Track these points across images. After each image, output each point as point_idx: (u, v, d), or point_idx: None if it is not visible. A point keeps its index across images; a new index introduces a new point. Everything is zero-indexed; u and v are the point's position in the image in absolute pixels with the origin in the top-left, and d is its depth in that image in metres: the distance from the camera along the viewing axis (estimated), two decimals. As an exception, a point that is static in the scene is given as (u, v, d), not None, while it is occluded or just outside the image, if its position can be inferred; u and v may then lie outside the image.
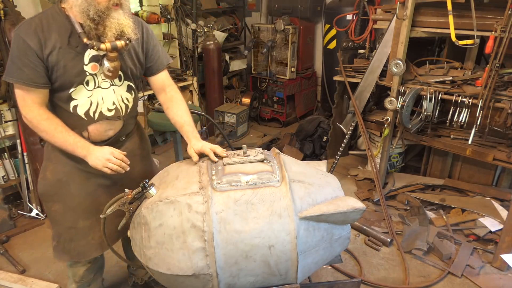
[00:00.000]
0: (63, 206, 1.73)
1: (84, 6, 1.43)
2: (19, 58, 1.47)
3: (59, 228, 1.78)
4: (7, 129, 3.09)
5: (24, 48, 1.45)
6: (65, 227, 1.76)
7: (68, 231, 1.75)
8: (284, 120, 5.00)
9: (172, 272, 1.47)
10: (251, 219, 1.45)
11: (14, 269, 2.60)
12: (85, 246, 1.78)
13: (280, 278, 1.54)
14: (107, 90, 1.64)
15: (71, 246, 1.78)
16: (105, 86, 1.63)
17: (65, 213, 1.73)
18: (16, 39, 1.46)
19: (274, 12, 4.95)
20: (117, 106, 1.68)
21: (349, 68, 3.55)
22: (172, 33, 4.32)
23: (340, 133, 3.72)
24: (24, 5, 3.21)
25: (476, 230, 2.78)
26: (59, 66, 1.50)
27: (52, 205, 1.74)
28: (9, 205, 3.15)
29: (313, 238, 1.52)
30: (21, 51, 1.46)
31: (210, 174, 1.55)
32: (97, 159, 1.55)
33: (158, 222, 1.48)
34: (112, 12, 1.47)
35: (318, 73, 5.18)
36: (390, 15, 3.13)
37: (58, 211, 1.74)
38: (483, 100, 2.61)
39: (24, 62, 1.46)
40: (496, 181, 3.19)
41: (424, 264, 2.58)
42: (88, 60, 1.55)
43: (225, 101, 4.93)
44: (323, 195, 1.58)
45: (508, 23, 2.38)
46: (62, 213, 1.74)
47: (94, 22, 1.46)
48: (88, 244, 1.79)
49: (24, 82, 1.49)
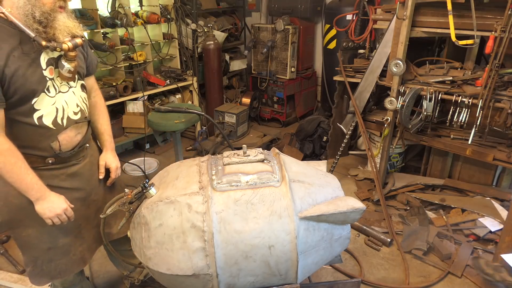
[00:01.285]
0: (38, 229, 1.62)
1: (28, 8, 1.35)
2: None
3: (34, 252, 1.67)
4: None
5: None
6: (42, 250, 1.66)
7: (47, 253, 1.66)
8: (284, 120, 5.00)
9: (172, 272, 1.47)
10: (251, 219, 1.45)
11: (14, 269, 2.60)
12: (67, 264, 1.72)
13: (280, 278, 1.54)
14: (68, 93, 1.56)
15: (51, 267, 1.69)
16: (64, 90, 1.55)
17: (41, 236, 1.63)
18: None
19: (274, 12, 4.95)
20: (81, 107, 1.62)
21: (349, 68, 3.55)
22: (172, 33, 4.32)
23: (340, 133, 3.72)
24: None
25: (476, 230, 2.78)
26: (17, 76, 1.38)
27: (23, 231, 1.62)
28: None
29: (313, 238, 1.52)
30: None
31: (210, 174, 1.55)
32: (47, 209, 1.50)
33: (158, 222, 1.48)
34: (58, 14, 1.41)
35: (318, 73, 5.18)
36: (390, 15, 3.13)
37: (32, 235, 1.62)
38: (483, 100, 2.60)
39: None
40: (496, 181, 3.19)
41: (424, 264, 2.58)
42: (45, 65, 1.46)
43: (225, 101, 4.93)
44: (323, 195, 1.58)
45: (508, 23, 2.38)
46: (37, 236, 1.63)
47: (41, 25, 1.38)
48: (70, 261, 1.72)
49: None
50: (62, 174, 1.61)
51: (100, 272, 2.56)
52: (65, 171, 1.62)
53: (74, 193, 1.65)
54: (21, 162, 1.42)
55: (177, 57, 4.46)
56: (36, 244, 1.65)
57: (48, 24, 1.39)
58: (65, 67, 1.48)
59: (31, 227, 1.61)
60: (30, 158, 1.50)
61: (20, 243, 1.67)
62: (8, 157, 1.40)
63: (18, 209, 1.57)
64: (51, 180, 1.57)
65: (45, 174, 1.55)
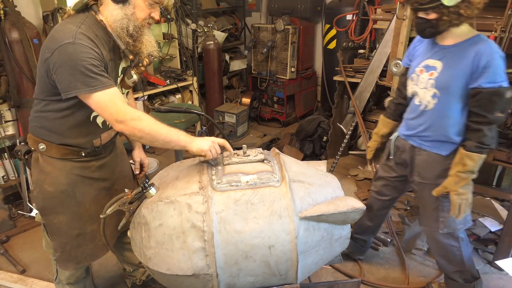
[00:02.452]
0: (69, 216, 1.72)
1: (125, 22, 1.48)
2: (94, 66, 1.40)
3: (63, 238, 1.77)
4: (7, 129, 3.10)
5: (94, 55, 1.41)
6: (71, 236, 1.76)
7: (76, 239, 1.76)
8: (284, 120, 5.00)
9: (172, 272, 1.47)
10: (251, 219, 1.45)
11: (14, 269, 2.60)
12: (93, 249, 1.81)
13: (280, 278, 1.54)
14: None
15: (78, 252, 1.79)
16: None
17: (72, 222, 1.73)
18: (81, 49, 1.39)
19: (274, 12, 4.95)
20: None
21: (349, 68, 3.55)
22: (172, 33, 4.32)
23: (340, 133, 3.73)
24: (24, 5, 3.21)
25: (476, 230, 2.78)
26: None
27: (55, 217, 1.72)
28: (9, 205, 3.15)
29: (313, 238, 1.52)
30: (92, 58, 1.41)
31: (210, 174, 1.55)
32: (203, 145, 1.53)
33: (158, 222, 1.48)
34: (145, 29, 1.56)
35: (318, 73, 5.18)
36: (390, 15, 3.13)
37: (62, 222, 1.73)
38: (483, 100, 2.60)
39: (100, 68, 1.43)
40: (496, 181, 3.19)
41: (424, 264, 2.58)
42: (120, 72, 1.64)
43: (225, 101, 4.93)
44: (323, 195, 1.58)
45: (508, 23, 2.38)
46: (67, 223, 1.73)
47: (132, 38, 1.53)
48: (96, 247, 1.82)
49: (112, 84, 1.45)
50: (92, 166, 1.72)
51: (100, 272, 2.56)
52: (95, 163, 1.72)
53: (101, 183, 1.77)
54: (156, 120, 1.49)
55: (177, 57, 4.46)
56: (66, 231, 1.74)
57: (137, 38, 1.55)
58: (133, 78, 1.64)
59: (62, 214, 1.71)
60: (64, 150, 1.62)
61: (51, 229, 1.76)
62: (147, 120, 1.47)
63: (52, 196, 1.67)
64: (83, 171, 1.69)
65: (77, 166, 1.67)
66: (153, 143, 1.50)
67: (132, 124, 1.43)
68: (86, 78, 1.39)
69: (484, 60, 1.65)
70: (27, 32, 2.75)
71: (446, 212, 1.94)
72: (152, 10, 1.53)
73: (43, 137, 1.62)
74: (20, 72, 2.79)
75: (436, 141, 1.90)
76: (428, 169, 1.96)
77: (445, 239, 2.02)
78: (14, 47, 2.74)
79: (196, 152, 1.54)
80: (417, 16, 1.74)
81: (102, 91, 1.41)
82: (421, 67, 1.88)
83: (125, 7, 1.47)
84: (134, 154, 2.03)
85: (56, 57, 1.38)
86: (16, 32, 2.72)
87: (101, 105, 1.44)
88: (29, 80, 2.81)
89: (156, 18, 1.56)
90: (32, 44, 2.79)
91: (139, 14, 1.50)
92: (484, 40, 1.70)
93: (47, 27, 3.34)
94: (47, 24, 3.29)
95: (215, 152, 1.57)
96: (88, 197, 1.74)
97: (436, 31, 1.74)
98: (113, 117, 1.44)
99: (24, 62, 2.78)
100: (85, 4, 1.48)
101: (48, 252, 1.94)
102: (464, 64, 1.70)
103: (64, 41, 1.38)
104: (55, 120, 1.58)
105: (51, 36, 1.43)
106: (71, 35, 1.39)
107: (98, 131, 1.67)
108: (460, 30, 1.74)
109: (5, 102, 2.98)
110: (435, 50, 1.84)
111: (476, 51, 1.67)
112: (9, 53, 2.74)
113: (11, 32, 2.71)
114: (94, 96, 1.41)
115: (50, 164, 1.65)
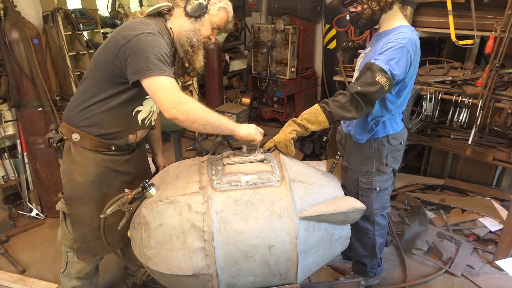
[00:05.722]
0: (93, 207, 1.76)
1: (191, 34, 1.65)
2: (167, 56, 1.53)
3: (85, 229, 1.81)
4: (7, 129, 3.09)
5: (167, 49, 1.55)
6: (93, 227, 1.79)
7: (97, 230, 1.77)
8: (284, 120, 5.00)
9: (172, 272, 1.47)
10: (251, 219, 1.45)
11: (14, 269, 2.60)
12: (111, 241, 1.84)
13: (280, 278, 1.54)
14: None
15: (97, 244, 1.84)
16: None
17: (95, 213, 1.76)
18: (159, 40, 1.53)
19: (274, 12, 4.95)
20: (156, 118, 1.91)
21: (349, 68, 3.55)
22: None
23: (340, 133, 3.72)
24: (24, 5, 3.21)
25: (476, 230, 2.78)
26: None
27: (80, 207, 1.76)
28: (9, 205, 3.15)
29: (313, 238, 1.52)
30: (166, 50, 1.54)
31: (210, 174, 1.55)
32: (249, 130, 1.64)
33: (158, 222, 1.48)
34: (201, 45, 1.72)
35: (318, 73, 5.18)
36: (390, 15, 3.13)
37: (87, 213, 1.77)
38: (483, 100, 2.60)
39: (169, 61, 1.55)
40: (496, 181, 3.20)
41: (424, 264, 2.58)
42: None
43: (225, 101, 4.93)
44: (323, 195, 1.58)
45: (508, 23, 2.38)
46: (91, 214, 1.77)
47: (193, 48, 1.69)
48: (114, 239, 1.85)
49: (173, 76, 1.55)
50: (120, 159, 1.80)
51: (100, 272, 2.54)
52: (122, 158, 1.81)
53: (125, 176, 1.85)
54: (205, 107, 1.55)
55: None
56: (88, 222, 1.79)
57: (195, 51, 1.71)
58: (179, 84, 1.67)
59: (88, 204, 1.76)
60: (97, 142, 1.70)
61: (75, 219, 1.80)
62: (200, 104, 1.53)
63: (80, 186, 1.73)
64: (111, 164, 1.77)
65: (106, 158, 1.75)
66: (205, 126, 1.53)
67: (187, 107, 1.48)
68: (159, 62, 1.49)
69: (389, 45, 1.72)
70: (27, 32, 2.75)
71: (364, 197, 2.07)
72: (213, 32, 1.72)
73: (80, 127, 1.68)
74: (20, 72, 2.79)
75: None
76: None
77: (362, 221, 2.10)
78: (14, 47, 2.74)
79: (244, 137, 1.63)
80: (349, 11, 1.85)
81: (167, 76, 1.50)
82: (362, 53, 2.01)
83: (195, 22, 1.65)
84: (158, 159, 2.18)
85: (134, 43, 1.49)
86: (16, 32, 2.72)
87: (162, 87, 1.49)
88: (29, 80, 2.81)
89: (212, 40, 1.76)
90: (32, 44, 2.78)
91: (204, 31, 1.68)
92: (401, 31, 1.76)
93: (47, 27, 3.34)
94: (47, 24, 3.29)
95: (259, 136, 1.68)
96: (112, 189, 1.79)
97: (368, 22, 1.83)
98: (169, 100, 1.47)
99: (24, 62, 2.78)
100: (158, 12, 1.64)
101: (61, 243, 1.97)
102: (378, 48, 1.79)
103: (145, 31, 1.51)
104: (99, 111, 1.66)
105: (129, 27, 1.55)
106: (151, 29, 1.54)
107: (136, 127, 1.77)
108: (392, 21, 1.83)
109: (5, 102, 2.97)
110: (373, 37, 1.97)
111: (387, 39, 1.77)
112: (9, 53, 2.74)
113: (11, 32, 2.71)
114: (160, 78, 1.48)
115: (82, 155, 1.71)
